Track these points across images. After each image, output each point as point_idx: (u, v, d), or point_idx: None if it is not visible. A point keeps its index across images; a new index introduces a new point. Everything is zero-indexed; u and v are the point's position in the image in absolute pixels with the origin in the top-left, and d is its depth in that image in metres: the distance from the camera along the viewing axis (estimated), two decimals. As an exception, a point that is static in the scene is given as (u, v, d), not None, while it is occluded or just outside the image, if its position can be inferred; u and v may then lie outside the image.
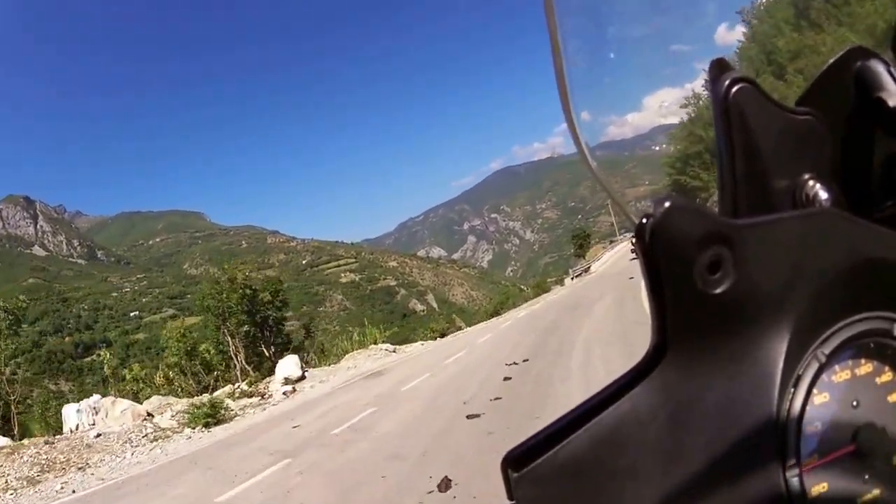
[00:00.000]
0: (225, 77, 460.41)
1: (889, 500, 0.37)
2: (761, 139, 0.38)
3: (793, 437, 0.35)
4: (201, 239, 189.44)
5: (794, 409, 0.35)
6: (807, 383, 0.36)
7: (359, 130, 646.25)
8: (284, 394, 14.26)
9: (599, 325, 12.02)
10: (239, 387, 15.70)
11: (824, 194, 0.39)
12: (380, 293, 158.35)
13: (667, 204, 0.32)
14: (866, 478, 0.37)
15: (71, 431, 12.48)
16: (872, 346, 0.38)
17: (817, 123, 0.40)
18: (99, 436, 11.47)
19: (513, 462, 0.32)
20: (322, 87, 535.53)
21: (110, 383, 18.71)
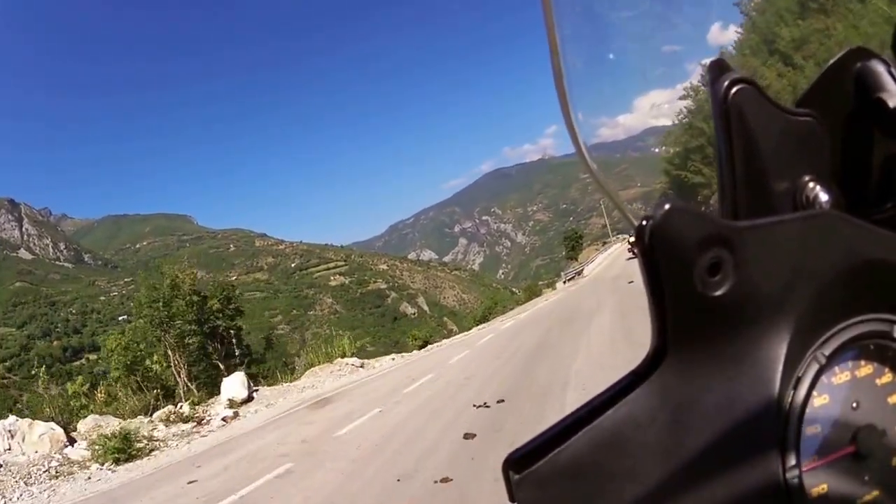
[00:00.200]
0: (212, 78, 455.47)
1: (889, 502, 0.37)
2: (761, 140, 0.38)
3: (793, 438, 0.35)
4: (189, 242, 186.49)
5: (795, 410, 0.35)
6: (807, 385, 0.36)
7: (348, 132, 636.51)
8: (224, 420, 12.12)
9: (601, 351, 8.97)
10: (181, 407, 13.70)
11: (824, 196, 0.39)
12: (370, 296, 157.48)
13: (667, 206, 0.32)
14: (866, 479, 0.37)
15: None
16: (872, 347, 0.38)
17: (817, 125, 0.40)
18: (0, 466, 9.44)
19: (514, 464, 0.33)
20: (311, 88, 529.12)
21: (45, 400, 15.93)
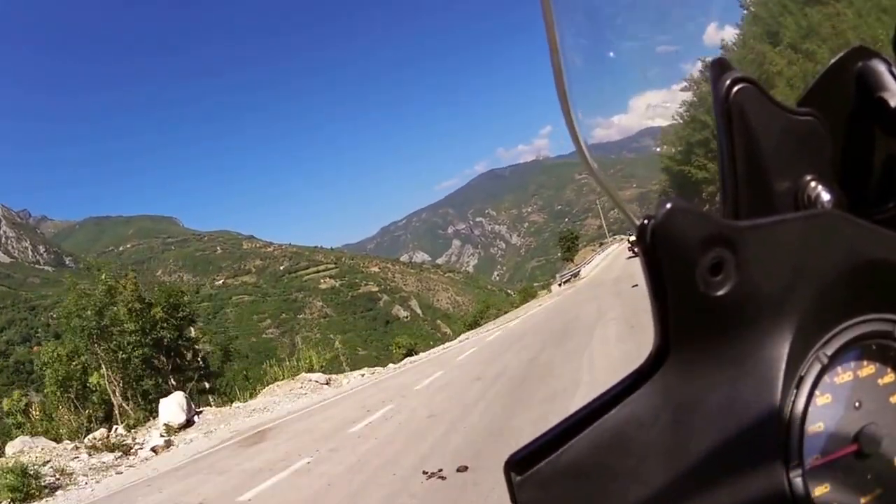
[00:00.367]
0: (197, 77, 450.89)
1: (891, 501, 0.37)
2: (763, 140, 0.38)
3: (795, 437, 0.35)
4: (174, 245, 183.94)
5: (797, 410, 0.35)
6: (809, 384, 0.36)
7: (339, 132, 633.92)
8: (153, 450, 10.56)
9: (610, 382, 5.94)
10: (116, 431, 12.31)
11: (826, 195, 0.39)
12: (361, 299, 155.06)
13: (668, 205, 0.32)
14: (868, 478, 0.37)
15: None
16: (874, 347, 0.38)
17: (819, 124, 0.40)
18: None
19: (515, 465, 0.32)
20: (300, 89, 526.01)
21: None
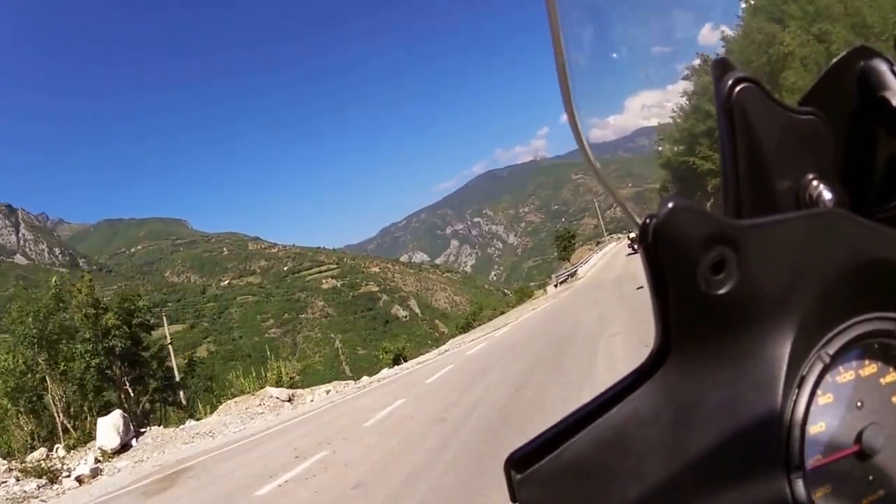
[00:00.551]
0: (204, 82, 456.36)
1: (893, 502, 0.37)
2: (764, 139, 0.38)
3: (797, 437, 0.35)
4: (183, 246, 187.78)
5: (798, 409, 0.35)
6: (811, 384, 0.36)
7: (340, 135, 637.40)
8: (78, 479, 9.51)
9: None
10: (57, 451, 11.52)
11: (828, 194, 0.39)
12: (362, 299, 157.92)
13: (670, 204, 0.31)
14: (870, 479, 0.37)
15: None
16: (877, 346, 0.38)
17: (821, 123, 0.40)
18: None
19: (516, 463, 0.33)
20: (302, 92, 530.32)
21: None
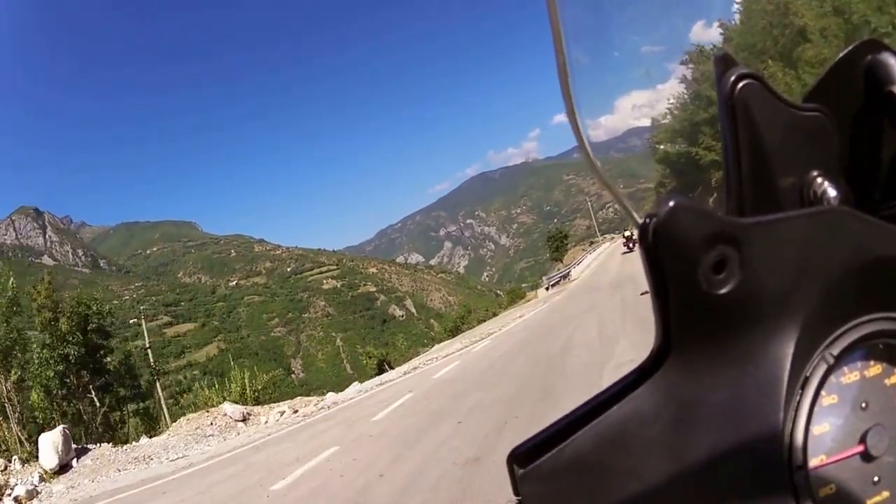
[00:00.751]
0: (208, 84, 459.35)
1: None
2: (767, 136, 0.37)
3: (800, 437, 0.35)
4: (194, 248, 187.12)
5: (802, 410, 0.35)
6: (815, 385, 0.35)
7: (340, 138, 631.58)
8: (17, 500, 9.07)
9: None
10: (14, 462, 11.03)
11: (832, 192, 0.38)
12: (361, 299, 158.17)
13: (671, 203, 0.31)
14: (875, 480, 0.36)
15: None
16: (882, 347, 0.37)
17: (825, 119, 0.39)
18: None
19: (518, 459, 0.33)
20: (303, 95, 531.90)
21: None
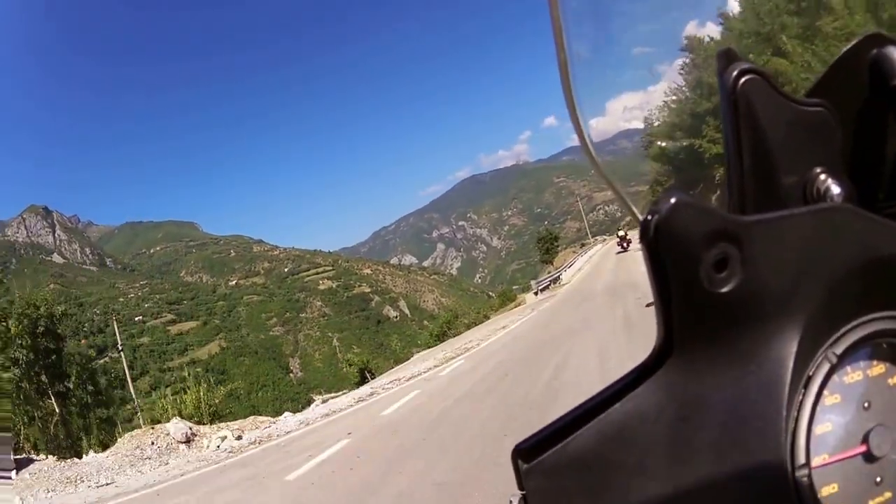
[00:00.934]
0: (203, 84, 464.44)
1: None
2: (770, 132, 0.37)
3: (803, 437, 0.34)
4: (195, 248, 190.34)
5: (805, 409, 0.35)
6: (817, 384, 0.35)
7: (337, 139, 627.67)
8: None
9: None
10: None
11: (836, 189, 0.38)
12: (355, 300, 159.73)
13: (672, 200, 0.31)
14: (878, 480, 0.36)
15: None
16: (885, 346, 0.37)
17: (829, 115, 0.38)
18: None
19: (523, 453, 0.33)
20: (297, 96, 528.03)
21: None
